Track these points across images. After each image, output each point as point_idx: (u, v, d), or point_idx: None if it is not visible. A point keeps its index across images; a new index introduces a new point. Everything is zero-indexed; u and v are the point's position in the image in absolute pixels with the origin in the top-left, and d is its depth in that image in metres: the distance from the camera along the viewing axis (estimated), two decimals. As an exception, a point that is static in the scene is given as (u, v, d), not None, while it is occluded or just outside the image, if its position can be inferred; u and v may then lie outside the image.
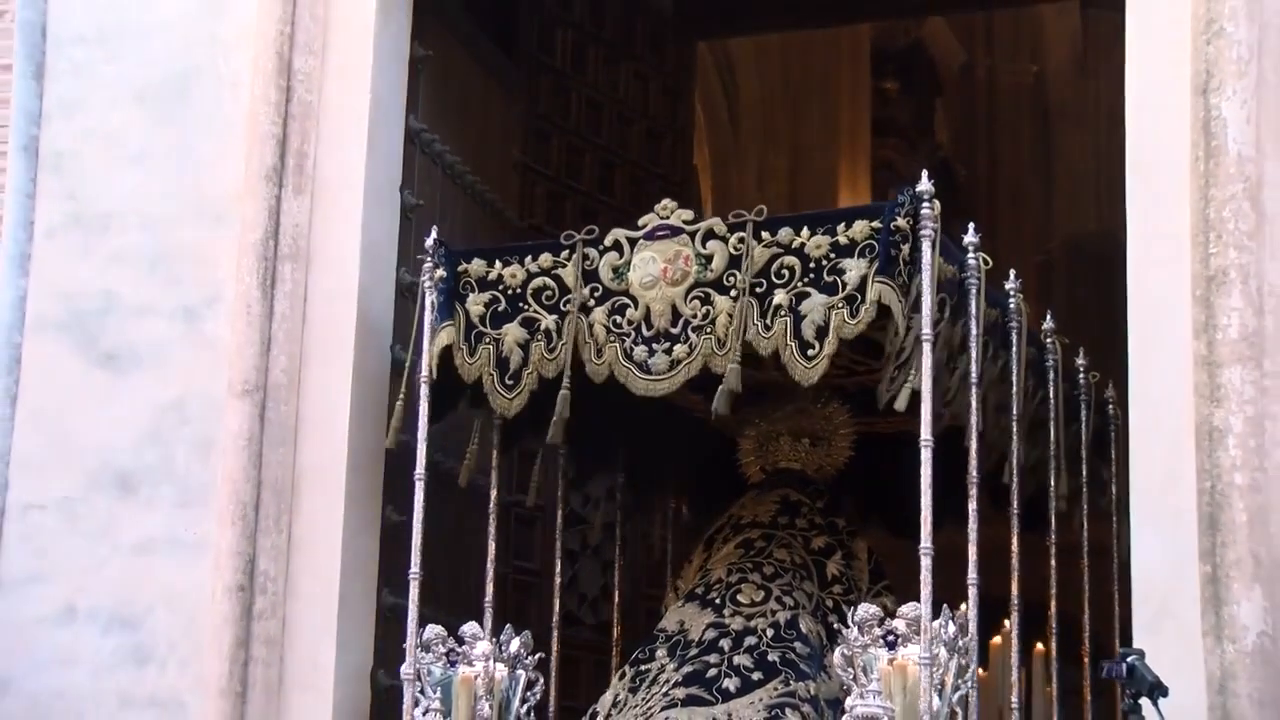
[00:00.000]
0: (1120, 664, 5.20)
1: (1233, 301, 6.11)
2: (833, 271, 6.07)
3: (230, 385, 7.08)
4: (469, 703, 6.61)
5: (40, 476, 7.25)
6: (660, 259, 6.38)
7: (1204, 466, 6.06)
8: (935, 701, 5.79)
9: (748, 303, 6.17)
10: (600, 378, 6.44)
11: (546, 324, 6.52)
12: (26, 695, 7.06)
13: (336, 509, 7.04)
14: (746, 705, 6.61)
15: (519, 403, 6.57)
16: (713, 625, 6.98)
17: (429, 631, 6.63)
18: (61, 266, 7.42)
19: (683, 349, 6.30)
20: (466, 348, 6.61)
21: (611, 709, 6.90)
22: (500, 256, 6.68)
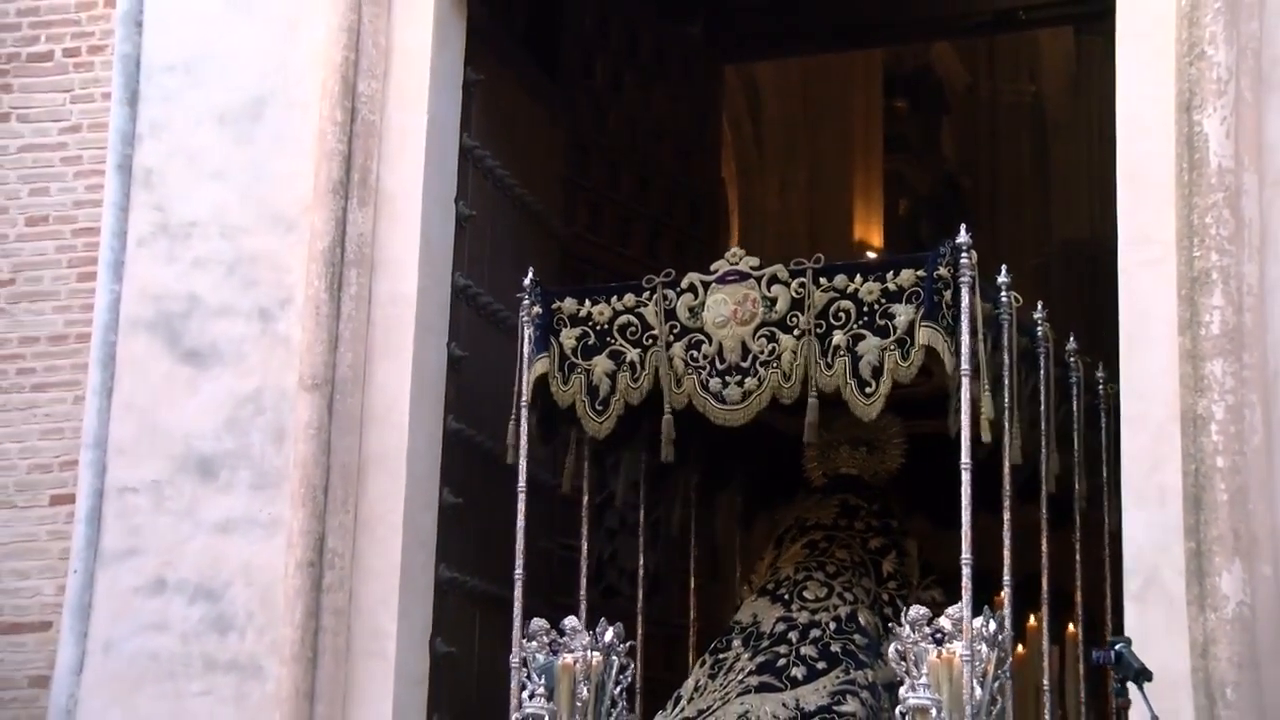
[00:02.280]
0: (1109, 651, 5.21)
1: (1214, 300, 6.11)
2: (884, 315, 6.25)
3: (301, 379, 7.12)
4: (570, 686, 6.71)
5: (133, 461, 7.31)
6: (731, 300, 6.53)
7: (1188, 451, 6.05)
8: (978, 691, 5.95)
9: (810, 341, 6.34)
10: (680, 406, 6.57)
11: (631, 357, 6.65)
12: (125, 656, 7.12)
13: (398, 491, 7.07)
14: (812, 692, 6.68)
15: (608, 426, 6.70)
16: (782, 619, 7.06)
17: (533, 624, 6.72)
18: (150, 272, 7.48)
19: (753, 382, 6.45)
20: (560, 376, 6.74)
21: (693, 693, 6.96)
22: (589, 295, 6.83)
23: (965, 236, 6.16)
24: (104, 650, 7.13)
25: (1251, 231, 6.18)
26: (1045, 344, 6.87)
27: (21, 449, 7.51)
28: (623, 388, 6.65)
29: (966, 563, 6.04)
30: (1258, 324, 6.11)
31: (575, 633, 6.80)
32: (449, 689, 7.25)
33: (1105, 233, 6.64)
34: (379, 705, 6.91)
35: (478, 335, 7.65)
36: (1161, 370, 6.19)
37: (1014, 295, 6.50)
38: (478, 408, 7.57)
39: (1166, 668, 5.79)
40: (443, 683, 7.20)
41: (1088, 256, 8.33)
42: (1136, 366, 6.31)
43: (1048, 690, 7.00)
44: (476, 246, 7.72)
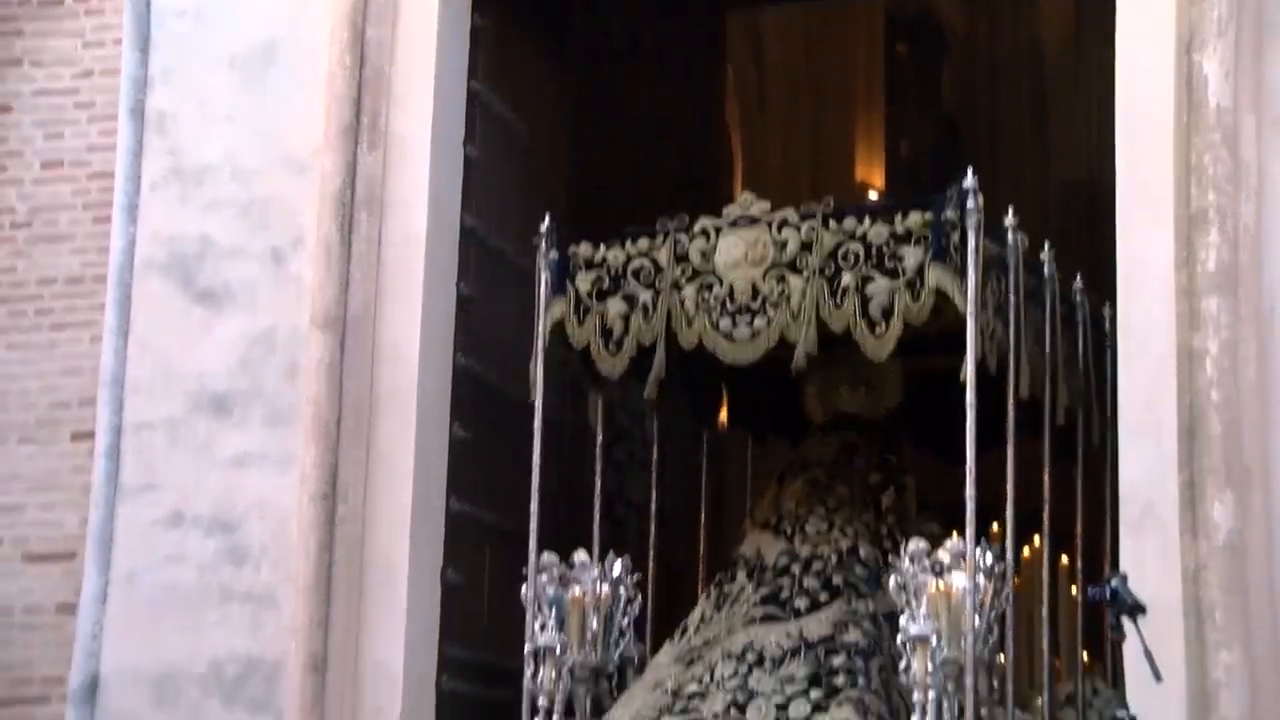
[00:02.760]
0: (1105, 587, 5.23)
1: (1211, 238, 6.11)
2: (893, 258, 6.26)
3: (313, 318, 7.14)
4: (580, 619, 6.76)
5: (149, 399, 7.35)
6: (742, 243, 6.54)
7: (1184, 385, 6.08)
8: (976, 621, 6.00)
9: (819, 283, 6.35)
10: (690, 345, 6.59)
11: (644, 299, 6.66)
12: (147, 587, 7.19)
13: (409, 427, 7.11)
14: (815, 622, 6.73)
15: (621, 366, 6.71)
16: (784, 552, 7.09)
17: (544, 558, 6.76)
18: (164, 215, 7.49)
19: (762, 322, 6.47)
20: (576, 319, 6.74)
21: (699, 624, 7.02)
22: (604, 240, 6.83)
23: (972, 180, 6.16)
24: (126, 580, 7.20)
25: (1249, 172, 6.17)
26: (1052, 283, 6.87)
27: (42, 387, 7.55)
28: (635, 329, 6.66)
29: (970, 497, 6.09)
30: (1253, 262, 6.12)
31: (585, 567, 6.86)
32: (460, 620, 7.31)
33: (1104, 174, 6.61)
34: (391, 635, 6.97)
35: (486, 275, 7.66)
36: (1158, 307, 6.22)
37: (1021, 236, 6.48)
38: (486, 345, 7.60)
39: (1159, 594, 5.83)
40: (453, 613, 7.26)
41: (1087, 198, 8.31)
42: (1134, 304, 6.33)
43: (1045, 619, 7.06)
44: (484, 189, 7.71)
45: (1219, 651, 5.79)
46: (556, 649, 6.69)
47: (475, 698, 7.38)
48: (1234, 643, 5.79)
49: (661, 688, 6.69)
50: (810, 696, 6.38)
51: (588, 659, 6.81)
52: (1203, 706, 5.78)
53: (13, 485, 7.46)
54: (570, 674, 6.76)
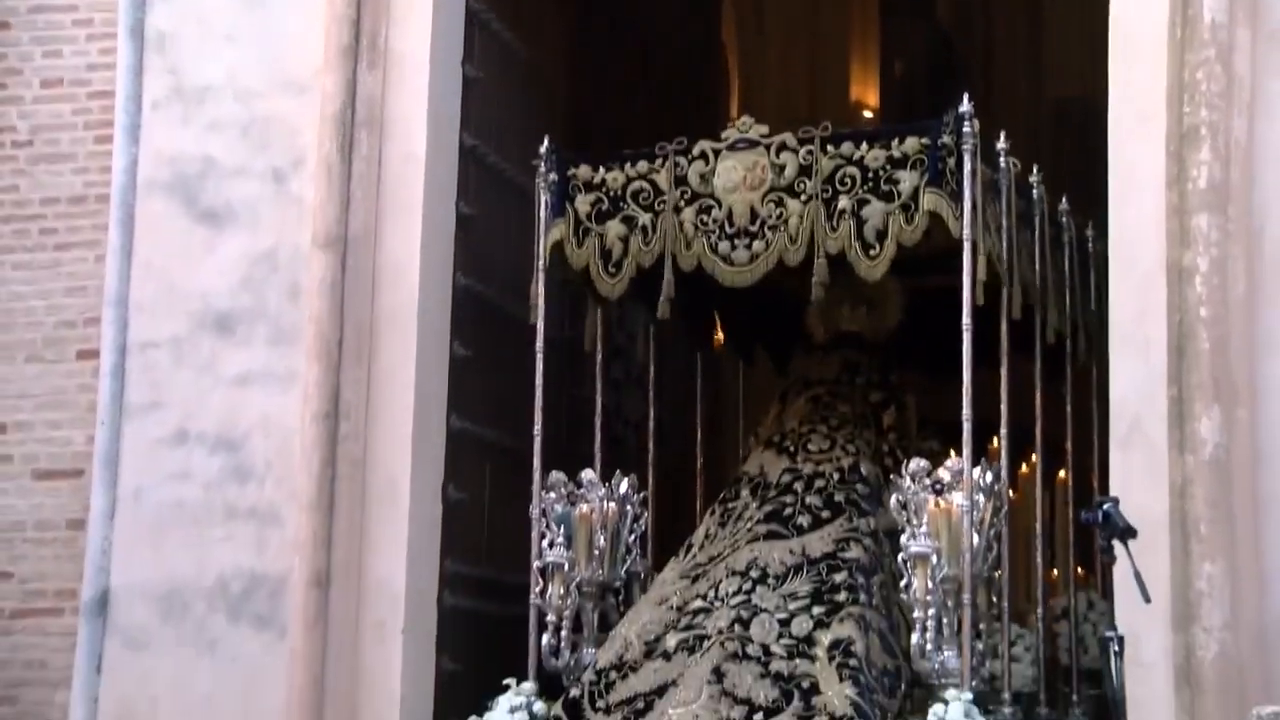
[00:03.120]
0: (1097, 511, 5.24)
1: (1202, 155, 6.06)
2: (889, 181, 6.30)
3: (314, 238, 7.11)
4: (587, 536, 6.84)
5: (153, 318, 7.33)
6: (740, 167, 6.57)
7: (1173, 302, 6.06)
8: (974, 538, 6.10)
9: (816, 206, 6.38)
10: (690, 267, 6.63)
11: (643, 221, 6.69)
12: (153, 505, 7.21)
13: (410, 345, 7.09)
14: (817, 539, 6.79)
15: (620, 288, 6.78)
16: (788, 470, 7.15)
17: (552, 476, 6.82)
18: (166, 135, 7.43)
19: (760, 245, 6.51)
20: (575, 240, 6.78)
21: (704, 541, 7.07)
22: (603, 162, 6.84)
23: (967, 105, 6.20)
24: (133, 498, 7.23)
25: (1242, 87, 6.11)
26: (1041, 205, 6.91)
27: (47, 306, 7.53)
28: (634, 250, 6.71)
29: (967, 418, 6.14)
30: (1244, 179, 6.08)
31: (592, 485, 6.91)
32: (461, 535, 7.34)
33: (1097, 90, 6.55)
34: (393, 551, 6.98)
35: (486, 194, 7.62)
36: (1149, 224, 6.18)
37: (1012, 160, 6.54)
38: (486, 264, 7.58)
39: (1146, 508, 5.85)
40: (455, 529, 7.28)
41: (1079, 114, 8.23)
42: (1124, 221, 6.29)
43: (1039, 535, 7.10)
44: (483, 108, 7.65)
45: (1203, 564, 5.83)
46: (564, 565, 6.75)
47: (476, 612, 7.43)
48: (1217, 555, 5.82)
49: (667, 604, 6.75)
50: (812, 612, 6.44)
51: (594, 575, 6.89)
52: (1186, 617, 5.82)
53: (21, 403, 7.47)
54: (577, 590, 6.83)
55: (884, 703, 6.23)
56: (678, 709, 6.17)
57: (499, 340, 7.63)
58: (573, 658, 6.80)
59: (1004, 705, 6.43)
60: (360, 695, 6.86)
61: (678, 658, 6.40)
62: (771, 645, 6.32)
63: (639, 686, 6.36)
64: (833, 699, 6.06)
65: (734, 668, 6.26)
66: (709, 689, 6.19)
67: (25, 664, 7.27)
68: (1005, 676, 6.52)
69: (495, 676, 7.37)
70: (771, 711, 6.08)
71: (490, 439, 7.58)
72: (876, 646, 6.38)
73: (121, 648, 7.11)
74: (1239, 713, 5.59)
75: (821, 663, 6.20)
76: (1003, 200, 6.52)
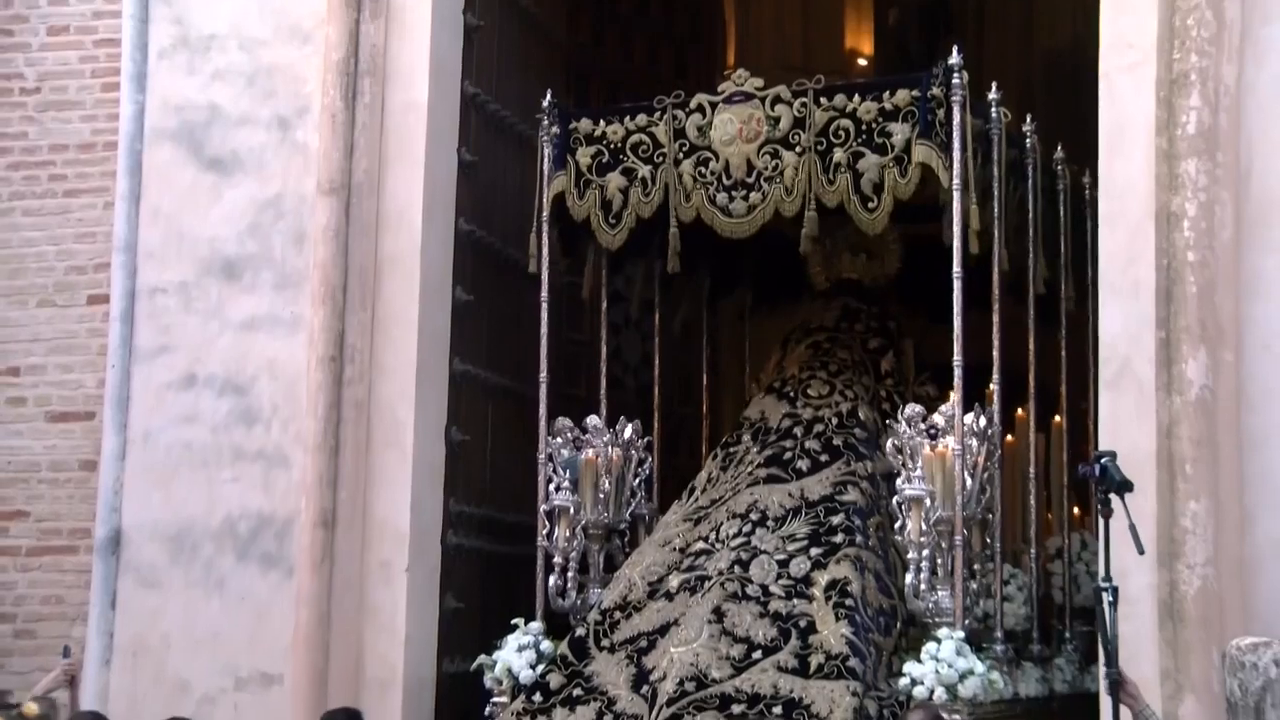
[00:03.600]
0: (1094, 465, 5.24)
1: (1192, 101, 6.02)
2: (882, 134, 6.32)
3: (319, 185, 7.08)
4: (593, 480, 6.87)
5: (160, 264, 7.32)
6: (737, 120, 6.58)
7: (1162, 246, 6.04)
8: (968, 482, 6.16)
9: (811, 159, 6.40)
10: (689, 219, 6.65)
11: (643, 173, 6.71)
12: (162, 446, 7.23)
13: (413, 290, 7.07)
14: (816, 482, 6.82)
15: (620, 238, 6.81)
16: (788, 415, 7.18)
17: (558, 422, 6.84)
18: (173, 84, 7.40)
19: (757, 196, 6.53)
20: (576, 192, 6.80)
21: (706, 484, 7.09)
22: (604, 115, 6.86)
23: (957, 57, 6.20)
24: (143, 440, 7.24)
25: (1232, 33, 6.06)
26: (1033, 155, 6.89)
27: (58, 251, 7.53)
28: (634, 202, 6.73)
29: (958, 364, 6.15)
30: (1232, 124, 6.05)
31: (597, 430, 6.92)
32: (464, 475, 7.36)
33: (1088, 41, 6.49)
34: (398, 491, 6.99)
35: (487, 142, 7.59)
36: (1138, 170, 6.15)
37: (1003, 111, 6.54)
38: (488, 210, 7.56)
39: (1134, 448, 5.86)
40: (458, 470, 7.30)
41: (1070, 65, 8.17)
42: (1114, 168, 6.26)
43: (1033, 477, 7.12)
44: (484, 57, 7.60)
45: (1188, 502, 5.83)
46: (570, 509, 6.77)
47: (479, 551, 7.45)
48: (1202, 494, 5.82)
49: (670, 545, 6.78)
50: (810, 554, 6.48)
51: (600, 518, 6.93)
52: (1171, 554, 5.83)
53: (34, 347, 7.48)
54: (583, 532, 6.85)
55: (879, 641, 6.28)
56: (679, 647, 6.21)
57: (500, 285, 7.62)
58: (579, 598, 6.85)
59: (996, 643, 6.46)
60: (366, 632, 6.89)
61: (680, 598, 6.44)
62: (770, 586, 6.36)
63: (642, 626, 6.41)
64: (829, 638, 6.10)
65: (734, 607, 6.30)
66: (709, 628, 6.24)
67: (43, 599, 7.32)
68: (998, 615, 6.56)
69: (498, 614, 7.41)
70: (770, 650, 6.12)
71: (492, 381, 7.58)
72: (872, 587, 6.41)
73: (134, 585, 7.15)
74: (1219, 644, 5.62)
75: (819, 603, 6.24)
76: (995, 151, 6.49)
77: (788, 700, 5.92)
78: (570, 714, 6.18)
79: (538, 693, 6.35)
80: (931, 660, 5.89)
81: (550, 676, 6.38)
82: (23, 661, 7.19)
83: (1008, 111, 6.62)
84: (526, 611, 6.87)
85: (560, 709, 6.21)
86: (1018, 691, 6.47)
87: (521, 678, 6.44)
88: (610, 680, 6.22)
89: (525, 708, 6.30)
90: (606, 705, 6.14)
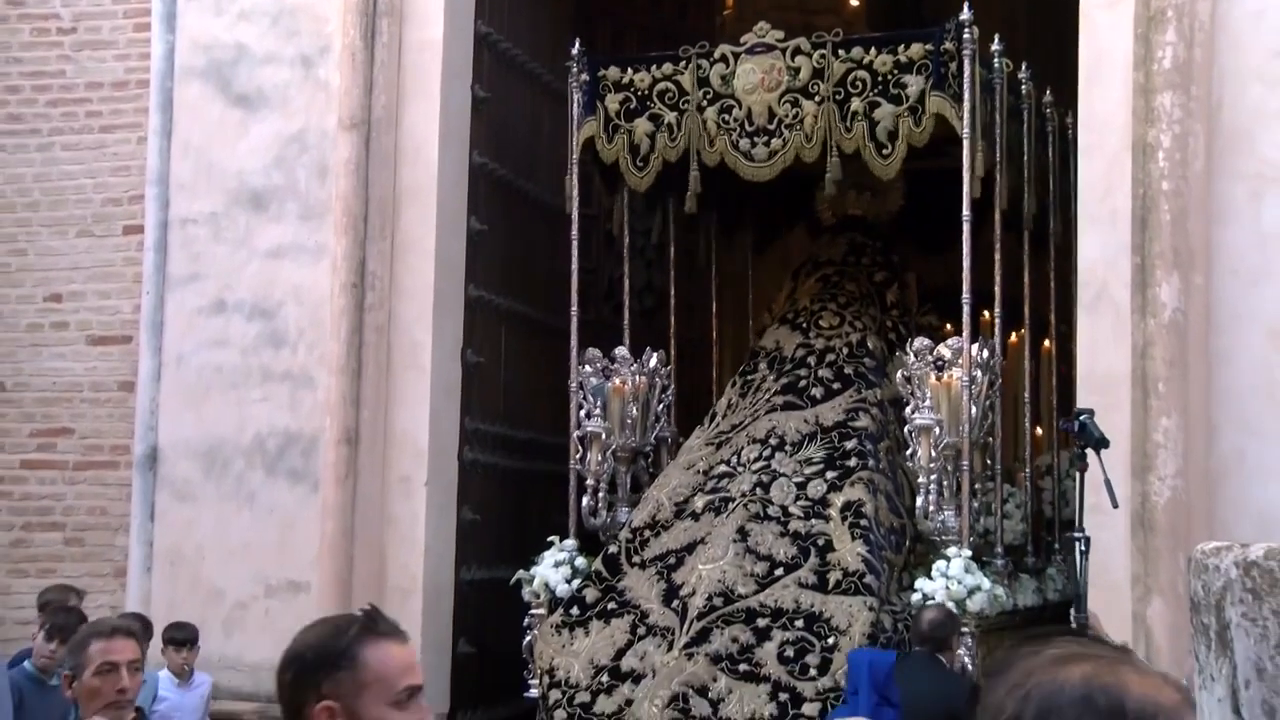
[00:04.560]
0: (1074, 421, 5.28)
1: (1168, 37, 6.01)
2: (897, 85, 6.33)
3: (340, 120, 7.10)
4: (620, 406, 6.92)
5: (191, 196, 7.35)
6: (759, 70, 6.59)
7: (1138, 176, 6.05)
8: (972, 409, 6.21)
9: (829, 108, 6.43)
10: (713, 163, 6.67)
11: (669, 119, 6.72)
12: (194, 368, 7.30)
13: (430, 220, 7.10)
14: (829, 409, 6.88)
15: (647, 181, 6.83)
16: (801, 345, 7.24)
17: (588, 352, 6.88)
18: (201, 24, 7.40)
19: (778, 143, 6.55)
20: (605, 137, 6.81)
21: (727, 410, 7.14)
22: (631, 64, 6.86)
23: (968, 13, 6.21)
24: (177, 363, 7.30)
25: (1208, -31, 6.03)
26: (1029, 101, 6.90)
27: (95, 184, 7.56)
28: (661, 146, 6.75)
29: (966, 301, 6.22)
30: (1206, 58, 6.04)
31: (624, 360, 6.95)
32: (479, 395, 7.41)
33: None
34: (417, 410, 7.05)
35: (499, 78, 7.59)
36: (1116, 104, 6.16)
37: (1005, 61, 6.55)
38: (500, 143, 7.57)
39: (1110, 369, 5.90)
40: (473, 390, 7.35)
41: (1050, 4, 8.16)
42: (1093, 101, 6.27)
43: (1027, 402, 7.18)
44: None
45: (1160, 418, 5.88)
46: (601, 434, 6.81)
47: (494, 466, 7.53)
48: (1173, 410, 5.87)
49: (694, 469, 6.84)
50: (826, 477, 6.55)
51: (627, 441, 6.97)
52: (1143, 467, 5.88)
53: (74, 275, 7.53)
54: (612, 455, 6.89)
55: (891, 558, 6.37)
56: (706, 565, 6.27)
57: (512, 214, 7.64)
58: (609, 517, 6.90)
59: (996, 558, 6.57)
60: (387, 543, 6.97)
61: (705, 518, 6.50)
62: (789, 507, 6.43)
63: (670, 544, 6.47)
64: (845, 555, 6.17)
65: (756, 527, 6.37)
66: (734, 547, 6.30)
67: (89, 510, 7.42)
68: (998, 532, 6.66)
69: (511, 525, 7.50)
70: (791, 567, 6.19)
71: (505, 306, 7.62)
72: (884, 507, 6.48)
73: (170, 499, 7.24)
74: (1185, 550, 5.66)
75: (835, 523, 6.31)
76: (996, 98, 6.52)
77: (809, 614, 6.00)
78: (605, 626, 6.24)
79: (575, 606, 6.40)
80: (942, 577, 5.99)
81: (586, 591, 6.44)
82: (73, 567, 7.31)
83: (1009, 62, 6.63)
84: (540, 522, 6.93)
85: (596, 621, 6.28)
86: (1016, 603, 6.57)
87: (558, 591, 6.50)
88: (642, 595, 6.29)
89: (564, 620, 6.35)
90: (640, 618, 6.20)
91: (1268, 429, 5.87)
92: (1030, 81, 6.89)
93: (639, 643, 6.09)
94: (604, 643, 6.16)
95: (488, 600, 7.16)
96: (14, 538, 7.45)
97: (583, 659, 6.14)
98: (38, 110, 7.59)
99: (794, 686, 5.82)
